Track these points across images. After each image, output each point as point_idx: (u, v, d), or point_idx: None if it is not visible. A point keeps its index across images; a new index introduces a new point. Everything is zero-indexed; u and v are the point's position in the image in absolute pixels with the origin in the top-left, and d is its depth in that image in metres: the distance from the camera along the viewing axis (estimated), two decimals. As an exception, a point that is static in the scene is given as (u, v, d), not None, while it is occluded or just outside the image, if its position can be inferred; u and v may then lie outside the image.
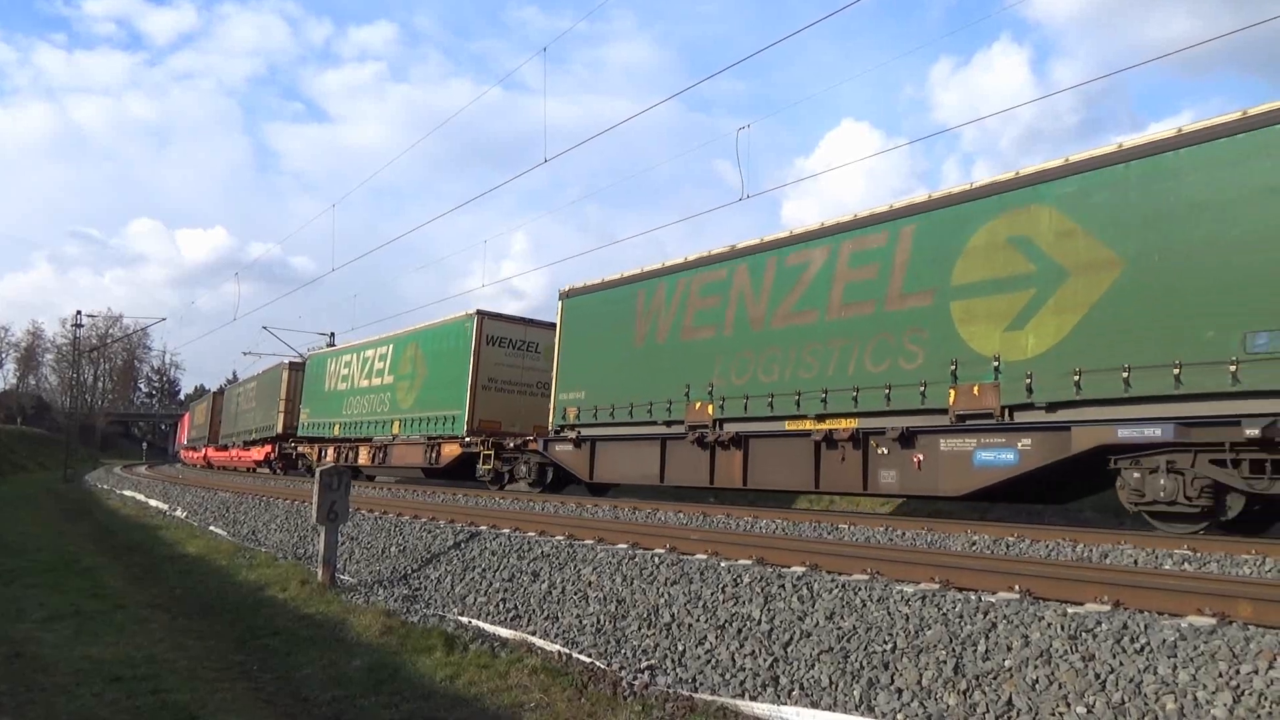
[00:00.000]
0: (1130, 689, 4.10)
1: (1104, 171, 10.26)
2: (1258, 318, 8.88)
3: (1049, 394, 10.34)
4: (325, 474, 9.69)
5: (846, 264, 12.88)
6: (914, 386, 11.61)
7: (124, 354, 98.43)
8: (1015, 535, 9.06)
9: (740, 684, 5.32)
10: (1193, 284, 9.39)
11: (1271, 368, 8.70)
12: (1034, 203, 10.82)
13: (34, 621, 7.62)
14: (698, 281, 15.36)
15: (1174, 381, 9.32)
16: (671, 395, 15.14)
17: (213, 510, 17.71)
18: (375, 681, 5.79)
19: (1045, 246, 10.62)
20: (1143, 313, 9.71)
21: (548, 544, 8.62)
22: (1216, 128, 9.47)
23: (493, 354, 20.74)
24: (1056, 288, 10.44)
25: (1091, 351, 10.02)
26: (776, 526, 10.93)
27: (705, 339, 14.90)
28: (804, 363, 13.08)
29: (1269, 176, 9.02)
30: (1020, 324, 10.72)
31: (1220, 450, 9.06)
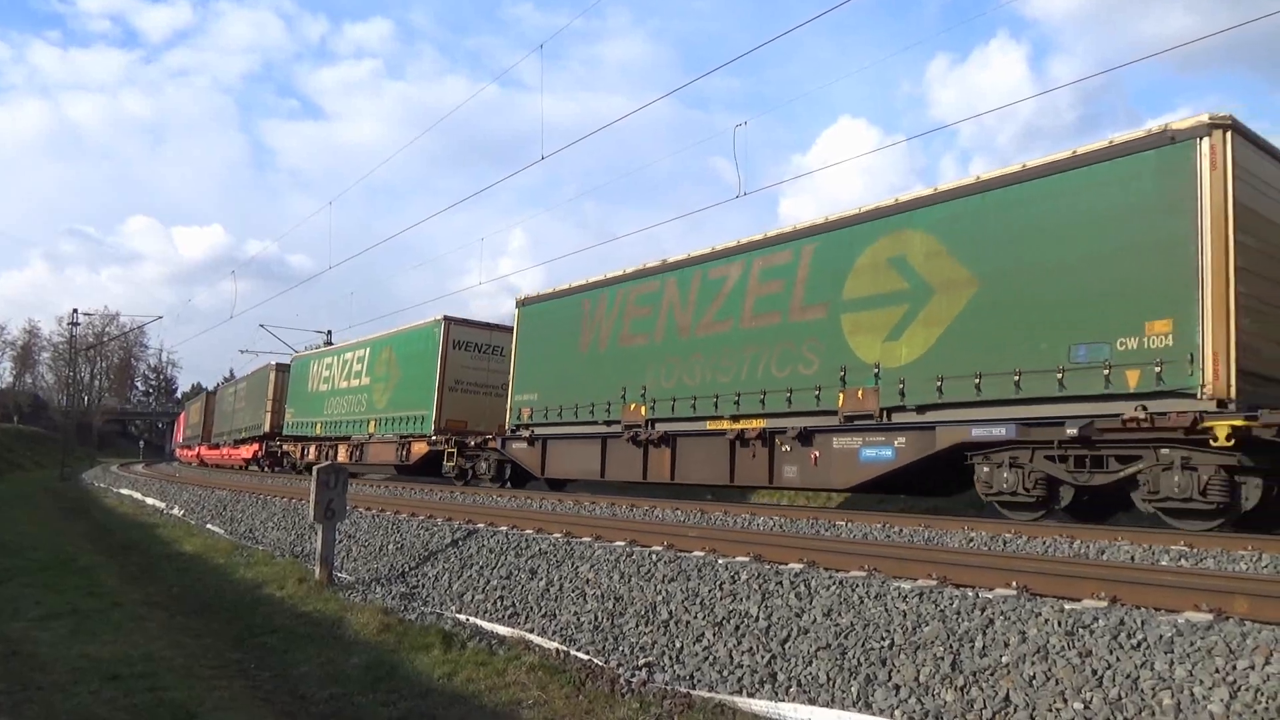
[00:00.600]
0: (1127, 685, 4.11)
1: (966, 200, 11.46)
2: (1080, 332, 10.07)
3: (918, 398, 11.51)
4: (322, 472, 9.68)
5: (757, 279, 14.10)
6: (811, 390, 12.82)
7: (121, 352, 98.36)
8: (1012, 532, 9.07)
9: (738, 681, 5.33)
10: (1033, 301, 10.57)
11: (1088, 375, 9.92)
12: (909, 227, 12.01)
13: (31, 620, 7.61)
14: (634, 292, 16.60)
15: (1015, 387, 10.51)
16: (611, 397, 16.34)
17: (210, 508, 17.69)
18: (373, 679, 5.79)
19: (917, 266, 11.79)
20: (992, 326, 10.90)
21: (545, 541, 8.62)
22: (1055, 163, 10.61)
23: (459, 357, 21.96)
24: (925, 303, 11.62)
25: (951, 360, 11.20)
26: (774, 524, 10.93)
27: (640, 345, 16.11)
28: (722, 368, 14.29)
29: (1093, 207, 10.17)
30: (896, 335, 11.90)
31: (1051, 447, 10.27)
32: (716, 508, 12.93)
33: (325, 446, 28.23)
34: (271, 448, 33.99)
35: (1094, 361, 9.91)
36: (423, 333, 23.07)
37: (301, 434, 30.51)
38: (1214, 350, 9.13)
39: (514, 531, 9.55)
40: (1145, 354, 9.57)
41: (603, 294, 17.40)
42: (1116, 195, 10.04)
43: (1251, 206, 9.59)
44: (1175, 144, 9.63)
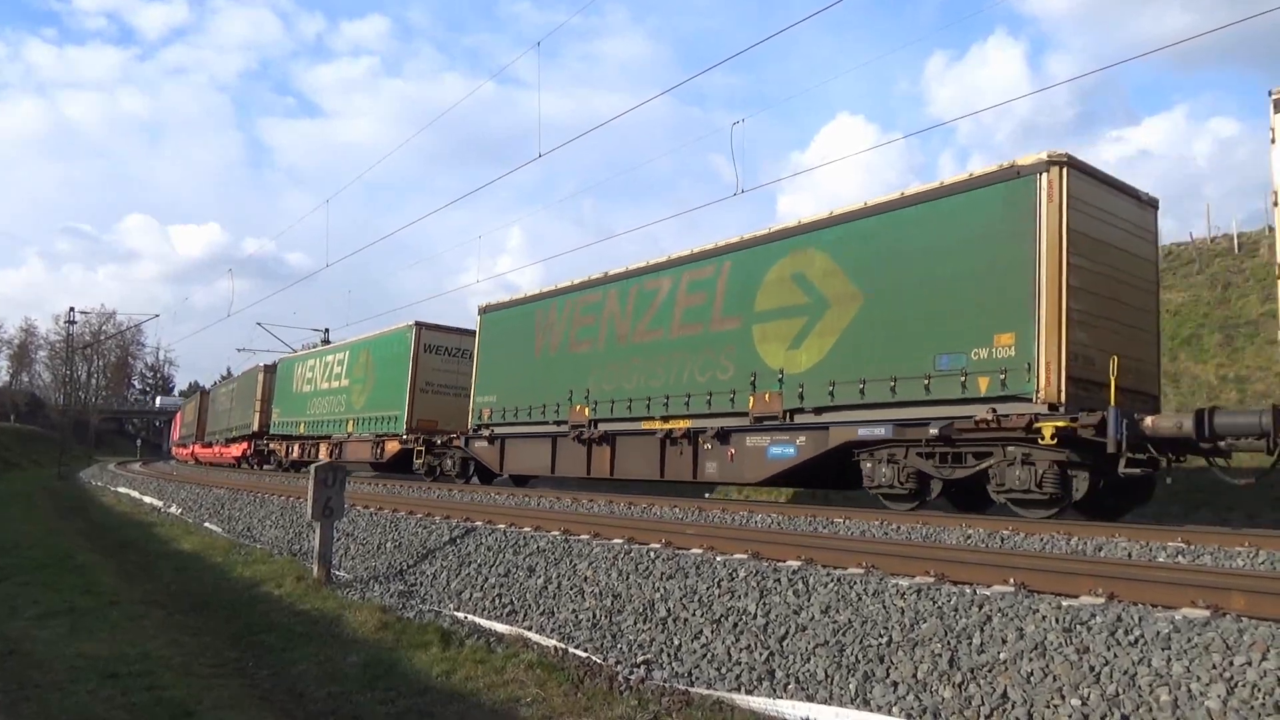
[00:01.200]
0: (1124, 681, 4.12)
1: (856, 223, 12.70)
2: (944, 343, 11.25)
3: (815, 401, 12.73)
4: (320, 470, 9.67)
5: (685, 291, 15.40)
6: (727, 394, 14.04)
7: (118, 350, 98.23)
8: (1010, 529, 9.09)
9: (736, 678, 5.33)
10: (907, 315, 11.74)
11: (949, 382, 11.10)
12: (809, 247, 13.26)
13: (28, 619, 7.60)
14: (581, 302, 17.94)
15: (891, 392, 11.70)
16: (560, 399, 17.64)
17: (207, 507, 17.68)
18: (371, 677, 5.79)
19: (816, 282, 13.03)
20: (875, 337, 12.09)
21: (543, 539, 8.62)
22: (926, 192, 11.86)
23: (430, 360, 23.27)
24: (821, 316, 12.85)
25: (842, 367, 12.40)
26: (772, 521, 10.94)
27: (585, 351, 17.43)
28: (654, 373, 15.56)
29: (956, 232, 11.36)
30: (797, 344, 13.12)
31: (920, 445, 11.46)
32: (714, 505, 12.93)
33: (308, 445, 29.48)
34: (259, 446, 35.05)
35: (954, 370, 11.10)
36: (396, 337, 24.35)
37: (287, 433, 31.64)
38: (1047, 360, 10.30)
39: (512, 529, 9.55)
40: (993, 363, 10.75)
41: (554, 303, 18.72)
42: (974, 222, 11.22)
43: (1084, 232, 10.71)
44: (1020, 178, 10.79)
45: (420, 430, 22.67)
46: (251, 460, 35.99)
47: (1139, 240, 11.78)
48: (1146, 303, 11.87)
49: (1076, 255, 10.50)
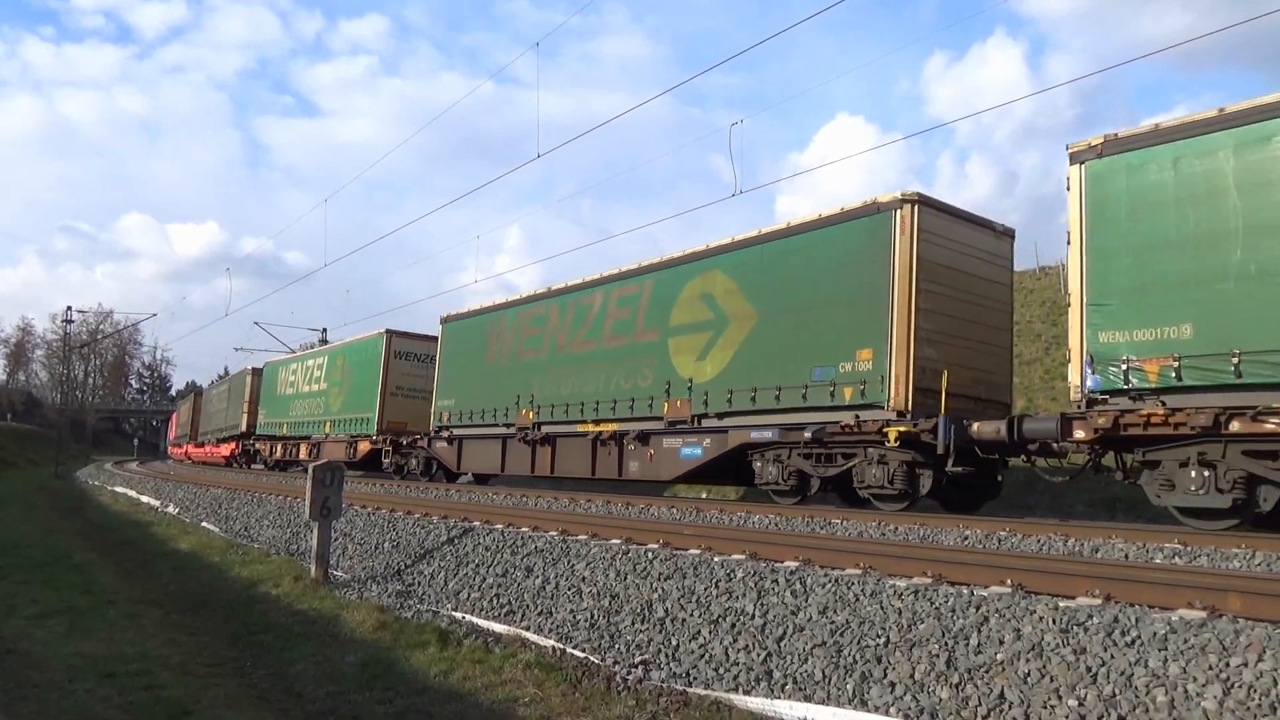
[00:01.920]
0: (1121, 682, 4.13)
1: (752, 249, 14.18)
2: (818, 357, 12.70)
3: (717, 407, 14.18)
4: (318, 470, 9.67)
5: (615, 306, 16.88)
6: (647, 399, 15.53)
7: (115, 350, 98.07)
8: (1007, 530, 9.10)
9: (734, 678, 5.34)
10: (790, 331, 13.21)
11: (822, 391, 12.55)
12: (715, 269, 14.80)
13: (25, 618, 7.60)
14: (528, 315, 19.52)
15: (775, 399, 13.15)
16: (509, 403, 19.12)
17: (205, 506, 17.67)
18: (369, 677, 5.79)
19: (720, 301, 14.52)
20: (765, 351, 13.54)
21: (541, 539, 8.62)
22: (808, 223, 13.37)
23: (400, 366, 24.78)
24: (723, 331, 14.33)
25: (738, 377, 13.86)
26: (769, 522, 10.95)
27: (530, 360, 19.02)
28: (588, 380, 16.99)
29: (830, 260, 12.84)
30: (703, 356, 14.61)
31: (800, 446, 12.90)
32: (712, 506, 12.95)
33: (289, 445, 31.18)
34: (247, 446, 36.58)
35: (826, 381, 12.55)
36: (369, 343, 26.00)
37: (271, 433, 33.15)
38: (897, 373, 11.74)
39: (510, 529, 9.55)
40: (856, 375, 12.18)
41: (505, 315, 20.36)
42: (844, 251, 12.69)
43: (935, 260, 12.10)
44: (880, 213, 12.20)
45: (390, 431, 24.18)
46: (240, 459, 37.48)
47: (994, 267, 13.24)
48: (1001, 321, 13.35)
49: (927, 281, 11.95)
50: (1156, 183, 9.67)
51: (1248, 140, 9.08)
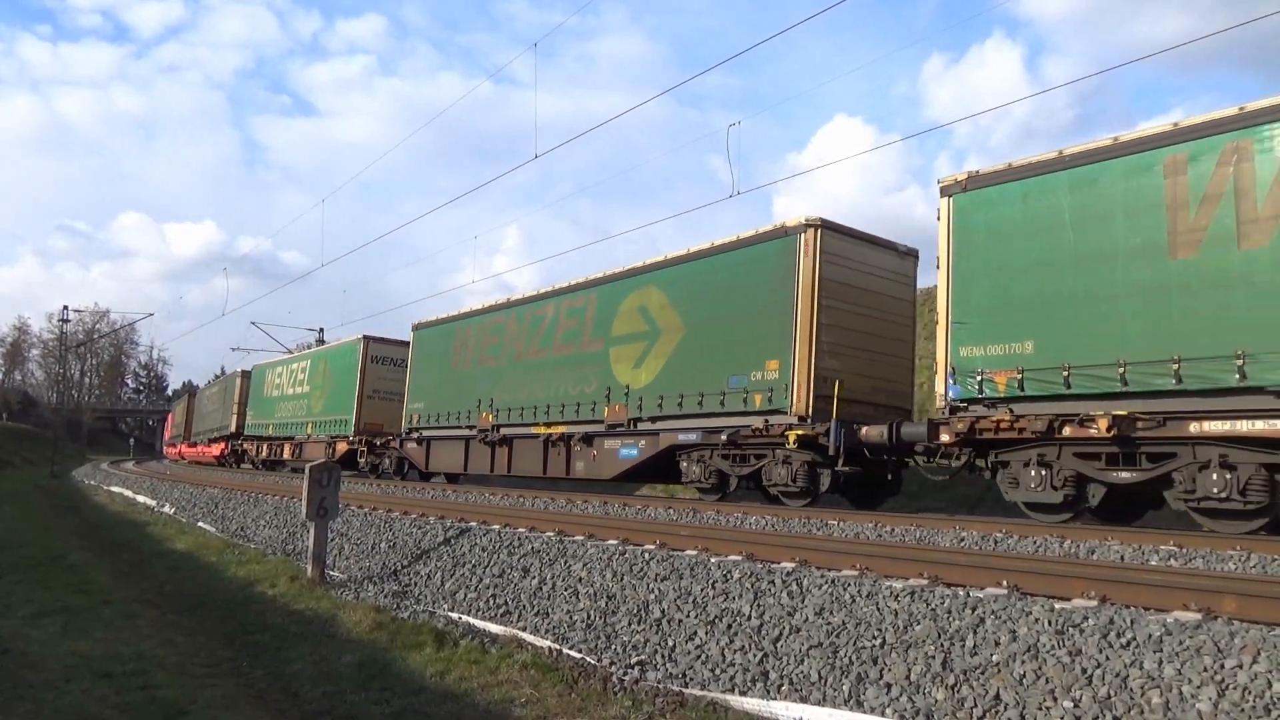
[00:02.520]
0: (1116, 683, 4.14)
1: (682, 266, 15.39)
2: (734, 367, 13.80)
3: (651, 411, 15.28)
4: (315, 470, 9.66)
5: (565, 316, 18.08)
6: (590, 404, 16.59)
7: (111, 349, 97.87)
8: (1003, 531, 9.11)
9: (730, 679, 5.34)
10: (712, 343, 14.34)
11: (737, 398, 13.69)
12: (651, 284, 15.98)
13: (21, 618, 7.59)
14: (490, 324, 20.73)
15: (699, 405, 14.32)
16: (471, 407, 20.24)
17: (201, 506, 17.64)
18: (366, 677, 5.79)
19: (654, 314, 15.70)
20: (691, 360, 14.70)
21: (538, 540, 8.62)
22: (729, 244, 14.49)
23: (377, 370, 25.98)
24: (656, 341, 15.48)
25: (669, 384, 15.01)
26: (766, 523, 10.95)
27: (491, 366, 20.25)
28: (541, 385, 18.18)
29: (745, 278, 13.97)
30: (639, 364, 15.75)
31: (719, 448, 14.06)
32: (708, 507, 12.96)
33: (275, 445, 32.43)
34: (235, 446, 37.87)
35: (740, 388, 13.67)
36: (348, 348, 27.39)
37: (259, 434, 34.40)
38: (798, 382, 12.83)
39: (507, 530, 9.55)
40: (765, 384, 13.28)
41: (470, 323, 21.54)
42: (756, 270, 13.84)
43: (836, 279, 13.22)
44: (786, 236, 13.34)
45: (367, 432, 25.50)
46: (230, 459, 38.63)
47: (897, 284, 14.21)
48: (902, 334, 14.29)
49: (828, 298, 13.06)
50: (1009, 215, 10.86)
51: (1080, 180, 10.23)
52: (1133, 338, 9.64)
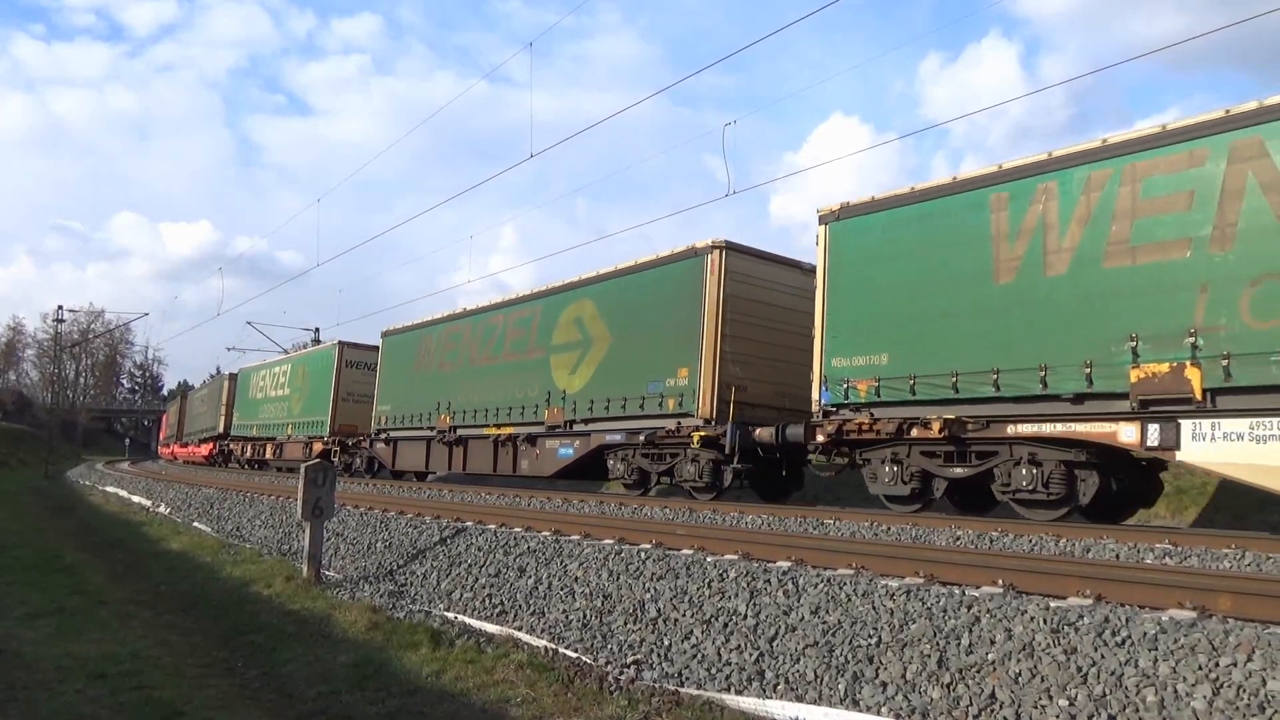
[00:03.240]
0: (1111, 681, 4.14)
1: (611, 281, 16.78)
2: (653, 373, 15.18)
3: (583, 414, 16.62)
4: (310, 470, 9.65)
5: (513, 326, 19.63)
6: (534, 407, 17.98)
7: (106, 350, 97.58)
8: (999, 530, 9.12)
9: (726, 678, 5.34)
10: (635, 352, 15.71)
11: (655, 401, 15.11)
12: (584, 297, 17.39)
13: (15, 619, 7.57)
14: (449, 331, 22.23)
15: (622, 408, 15.65)
16: (432, 409, 21.62)
17: (196, 506, 17.61)
18: (361, 677, 5.78)
19: (587, 324, 17.09)
20: (618, 367, 16.04)
21: (534, 539, 8.62)
22: (651, 261, 15.95)
23: (351, 374, 27.38)
24: (589, 350, 16.83)
25: (599, 389, 16.33)
26: (762, 522, 10.95)
27: (449, 371, 21.71)
28: (491, 390, 19.58)
29: (664, 293, 15.38)
30: (574, 370, 17.16)
31: (639, 447, 15.44)
32: (705, 506, 12.97)
33: (258, 445, 34.03)
34: (223, 446, 39.63)
35: (657, 393, 15.02)
36: (325, 354, 29.00)
37: (244, 435, 36.06)
38: (704, 388, 14.22)
39: (503, 529, 9.54)
40: (677, 389, 14.65)
41: (432, 331, 23.07)
42: (671, 287, 15.25)
43: (740, 295, 14.56)
44: (695, 257, 14.81)
45: (341, 433, 27.05)
46: (217, 458, 40.30)
47: (800, 299, 14.38)
48: (806, 345, 14.19)
49: (731, 313, 14.36)
50: (872, 243, 12.23)
51: (927, 213, 11.67)
52: (964, 351, 10.97)
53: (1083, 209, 10.09)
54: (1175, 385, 9.17)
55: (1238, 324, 8.86)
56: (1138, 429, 9.55)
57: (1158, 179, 9.55)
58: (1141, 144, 9.72)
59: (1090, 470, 10.26)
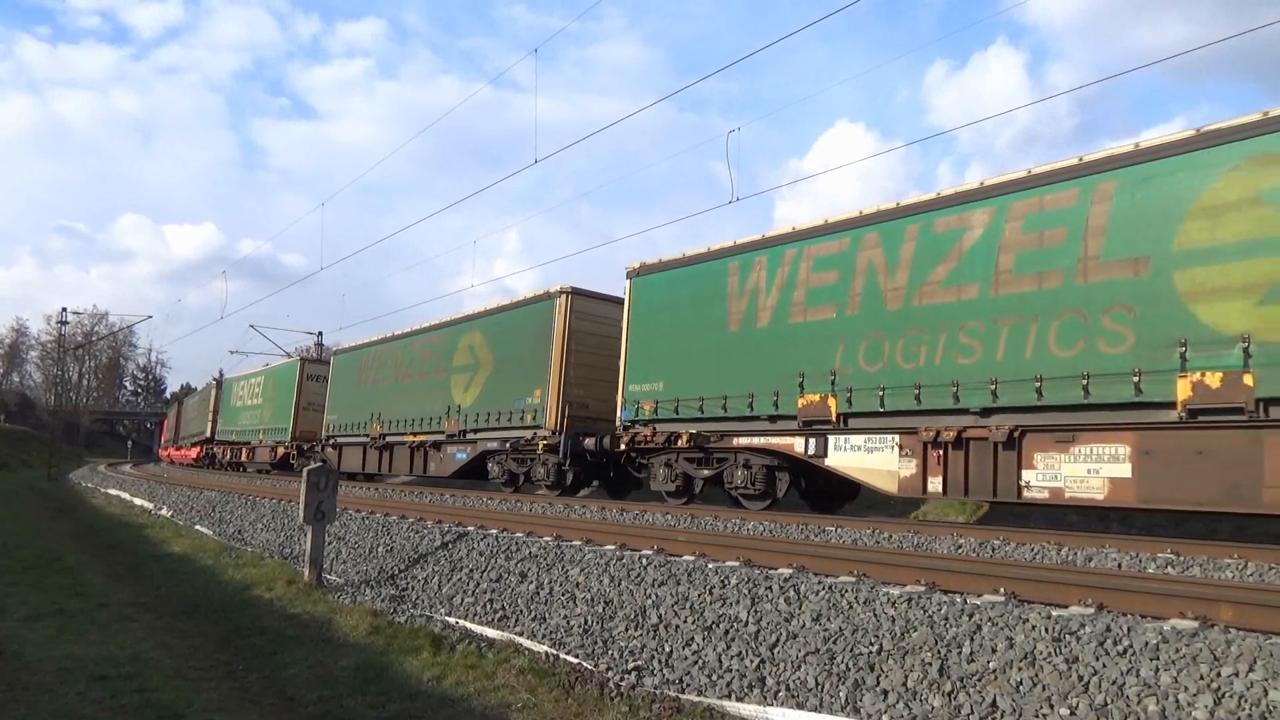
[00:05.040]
0: (1113, 691, 4.14)
1: (494, 316, 20.10)
2: (518, 392, 18.27)
3: (472, 424, 19.82)
4: (312, 474, 9.65)
5: (426, 350, 22.91)
6: (438, 419, 21.20)
7: (109, 352, 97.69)
8: (1000, 538, 9.12)
9: (727, 685, 5.34)
10: (509, 374, 18.85)
11: (518, 415, 18.14)
12: (476, 329, 20.81)
13: (16, 620, 7.57)
14: (382, 352, 25.57)
15: (498, 420, 18.83)
16: (367, 419, 24.99)
17: (199, 509, 17.62)
18: (362, 681, 5.78)
19: (477, 351, 20.41)
20: (498, 386, 19.20)
21: (535, 544, 8.62)
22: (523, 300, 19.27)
23: (312, 387, 30.81)
24: (478, 372, 20.12)
25: (483, 404, 19.53)
26: (764, 528, 10.95)
27: (381, 387, 25.08)
28: (410, 403, 22.78)
29: (530, 326, 18.38)
30: (467, 389, 20.35)
31: (509, 453, 18.71)
32: (706, 511, 12.97)
33: (236, 449, 38.02)
34: (209, 449, 42.99)
35: (520, 408, 18.08)
36: (289, 367, 32.93)
37: (226, 439, 39.65)
38: (551, 405, 17.19)
39: (504, 534, 9.54)
40: (533, 406, 17.63)
41: (370, 351, 26.58)
42: (533, 323, 18.29)
43: (580, 330, 17.58)
44: (549, 299, 17.91)
45: (301, 439, 30.48)
46: (204, 461, 43.68)
47: None
48: None
49: (575, 345, 17.41)
50: (657, 296, 15.69)
51: (693, 274, 15.02)
52: (707, 381, 14.29)
53: (780, 277, 13.44)
54: (823, 411, 12.47)
55: (857, 367, 12.13)
56: (804, 442, 12.81)
57: (822, 258, 12.87)
58: (813, 233, 13.12)
59: (784, 472, 13.56)
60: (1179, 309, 9.26)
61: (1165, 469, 9.29)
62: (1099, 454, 9.82)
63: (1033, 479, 10.30)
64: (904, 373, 11.50)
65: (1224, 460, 8.91)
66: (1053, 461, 10.14)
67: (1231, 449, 8.89)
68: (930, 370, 11.24)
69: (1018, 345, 10.46)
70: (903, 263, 11.75)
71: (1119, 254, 9.79)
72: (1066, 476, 10.03)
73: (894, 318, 11.74)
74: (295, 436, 30.55)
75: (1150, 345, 9.39)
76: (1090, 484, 9.84)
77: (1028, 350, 10.35)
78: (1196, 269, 9.20)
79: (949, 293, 11.23)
